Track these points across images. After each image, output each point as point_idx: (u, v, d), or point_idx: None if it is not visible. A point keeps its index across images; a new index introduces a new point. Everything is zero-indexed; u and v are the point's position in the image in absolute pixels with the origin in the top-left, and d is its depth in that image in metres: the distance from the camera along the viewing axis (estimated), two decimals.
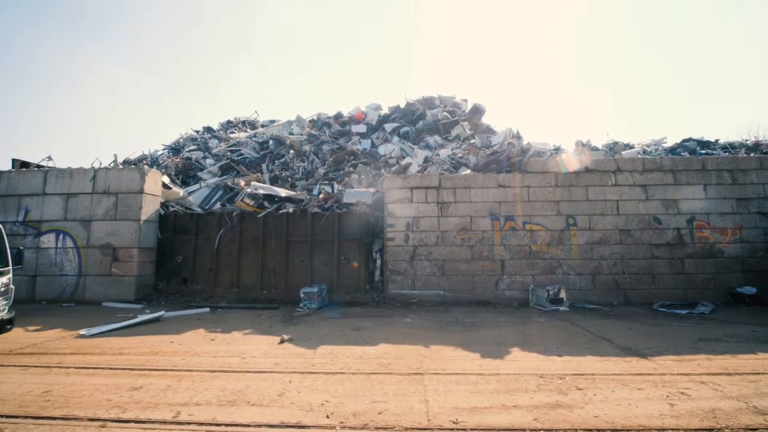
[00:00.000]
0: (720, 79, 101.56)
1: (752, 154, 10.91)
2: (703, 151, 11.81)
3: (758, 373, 4.72)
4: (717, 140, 12.81)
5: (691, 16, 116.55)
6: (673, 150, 12.33)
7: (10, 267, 5.72)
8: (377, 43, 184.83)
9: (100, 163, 11.09)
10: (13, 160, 11.26)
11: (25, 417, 3.65)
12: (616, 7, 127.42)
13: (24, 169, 10.87)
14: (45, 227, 10.07)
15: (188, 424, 3.53)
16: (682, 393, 4.15)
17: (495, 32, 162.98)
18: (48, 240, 10.03)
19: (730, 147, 12.27)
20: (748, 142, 13.09)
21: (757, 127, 34.79)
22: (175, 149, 15.35)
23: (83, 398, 4.06)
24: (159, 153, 15.41)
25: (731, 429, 3.39)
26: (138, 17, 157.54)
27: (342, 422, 3.55)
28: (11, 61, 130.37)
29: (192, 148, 14.74)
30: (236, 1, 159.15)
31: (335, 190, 11.15)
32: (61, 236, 10.01)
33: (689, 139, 12.82)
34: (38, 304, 9.66)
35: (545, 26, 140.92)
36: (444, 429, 3.46)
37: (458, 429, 3.46)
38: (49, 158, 11.47)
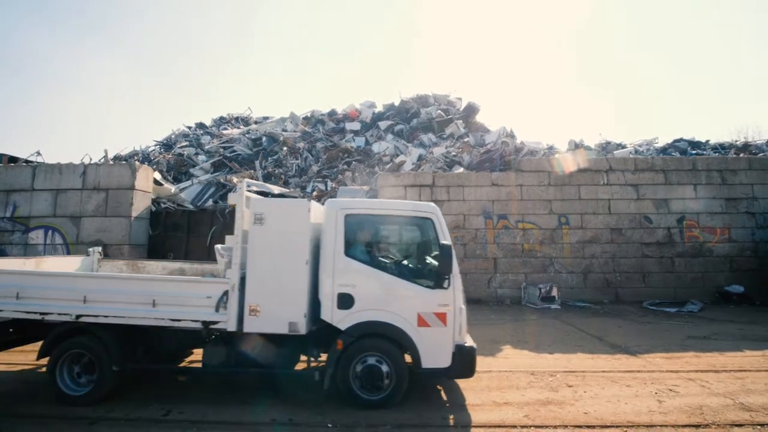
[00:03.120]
0: (718, 80, 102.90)
1: (741, 155, 11.05)
2: (694, 152, 11.93)
3: (745, 371, 4.80)
4: (708, 141, 12.96)
5: (689, 17, 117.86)
6: (664, 150, 12.45)
7: None
8: (373, 41, 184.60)
9: (90, 159, 10.95)
10: (1, 155, 11.08)
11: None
12: (613, 8, 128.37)
13: (12, 164, 10.69)
14: (33, 223, 9.90)
15: (177, 422, 3.50)
16: (671, 390, 4.20)
17: (490, 31, 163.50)
18: (37, 236, 9.86)
19: (720, 147, 12.41)
20: (737, 142, 13.25)
21: (747, 128, 35.27)
22: (167, 145, 15.17)
23: None
24: (150, 149, 15.22)
25: (718, 425, 3.44)
26: (135, 14, 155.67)
27: (334, 420, 3.55)
28: (8, 59, 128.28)
29: (184, 144, 14.58)
30: (232, 0, 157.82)
31: (329, 188, 11.10)
32: (50, 232, 9.85)
33: (680, 140, 12.95)
34: None
35: (541, 25, 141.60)
36: (435, 426, 3.47)
37: (449, 426, 3.47)
38: (38, 153, 11.29)
